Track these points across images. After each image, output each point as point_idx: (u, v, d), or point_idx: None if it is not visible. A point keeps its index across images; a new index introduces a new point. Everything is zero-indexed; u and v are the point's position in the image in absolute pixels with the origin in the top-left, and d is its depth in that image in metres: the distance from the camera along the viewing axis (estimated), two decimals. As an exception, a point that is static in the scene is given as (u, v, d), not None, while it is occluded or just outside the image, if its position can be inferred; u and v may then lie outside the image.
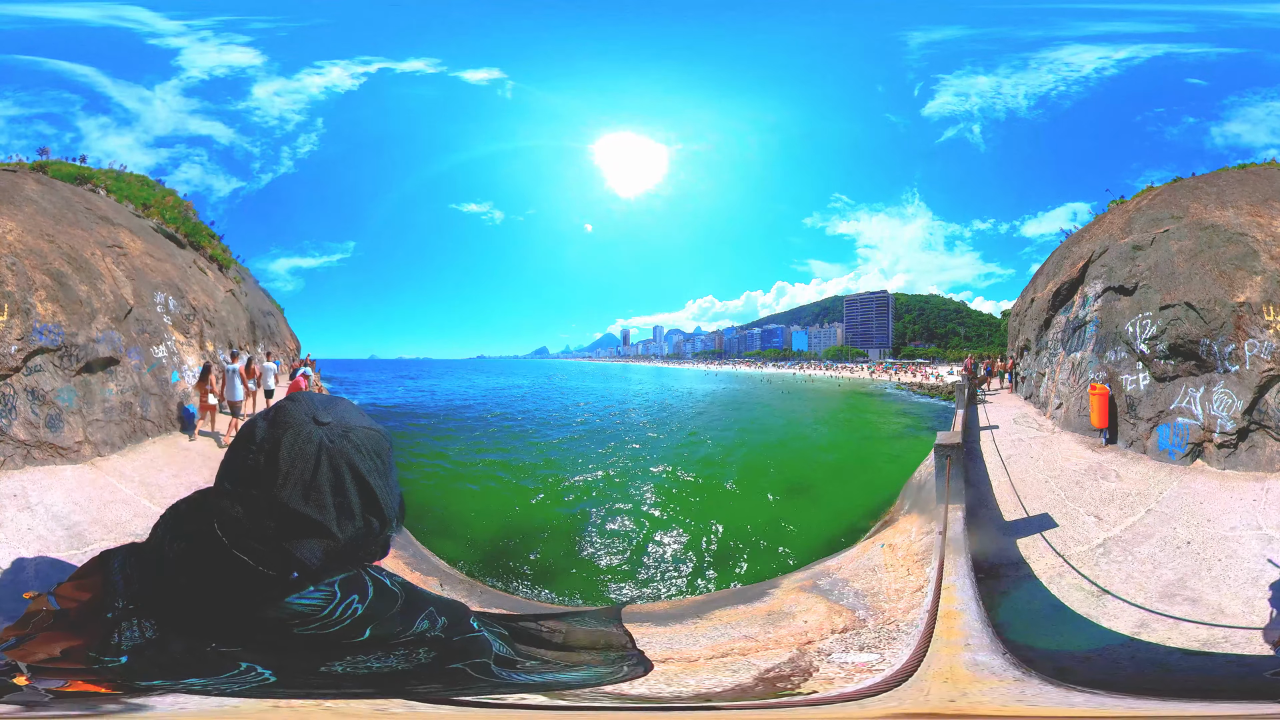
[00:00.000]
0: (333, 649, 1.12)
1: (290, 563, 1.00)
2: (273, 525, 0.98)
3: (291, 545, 0.99)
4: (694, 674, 4.93)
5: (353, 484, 1.03)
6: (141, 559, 1.12)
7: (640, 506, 13.73)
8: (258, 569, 1.00)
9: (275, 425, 1.03)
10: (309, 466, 1.00)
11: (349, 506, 1.02)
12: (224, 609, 1.03)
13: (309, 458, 1.00)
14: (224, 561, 1.00)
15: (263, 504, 0.98)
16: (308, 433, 1.02)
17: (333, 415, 1.06)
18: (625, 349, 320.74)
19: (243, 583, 1.01)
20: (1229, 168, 12.83)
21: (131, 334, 10.66)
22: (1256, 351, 8.52)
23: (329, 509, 1.00)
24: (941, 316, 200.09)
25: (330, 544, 1.01)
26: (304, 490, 0.99)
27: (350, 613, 1.12)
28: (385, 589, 1.22)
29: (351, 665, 1.15)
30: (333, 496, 1.01)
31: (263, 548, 0.99)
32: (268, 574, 1.01)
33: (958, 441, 8.28)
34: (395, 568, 8.45)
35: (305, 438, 1.01)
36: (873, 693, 2.09)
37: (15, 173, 12.01)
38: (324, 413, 1.06)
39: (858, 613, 6.30)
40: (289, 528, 0.98)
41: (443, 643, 1.28)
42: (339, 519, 1.01)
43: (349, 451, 1.03)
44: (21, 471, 7.50)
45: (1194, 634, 4.95)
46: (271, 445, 1.00)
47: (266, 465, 0.99)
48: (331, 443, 1.02)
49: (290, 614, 1.05)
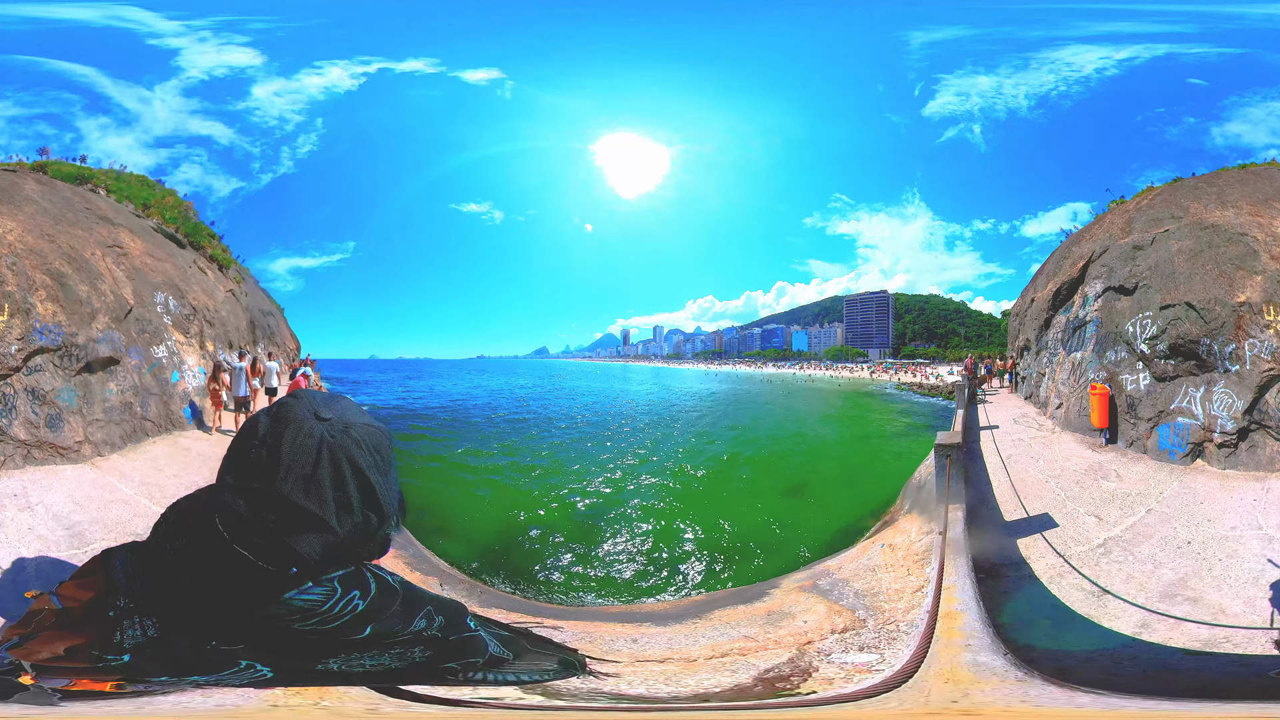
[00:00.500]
0: (330, 646, 1.12)
1: (290, 557, 1.01)
2: (273, 519, 0.99)
3: (291, 539, 1.00)
4: (693, 674, 4.92)
5: (352, 479, 1.04)
6: (143, 557, 1.12)
7: (641, 506, 13.73)
8: (258, 564, 1.01)
9: (277, 420, 1.04)
10: (310, 461, 1.01)
11: (348, 501, 1.03)
12: (225, 606, 1.03)
13: (310, 452, 1.01)
14: (225, 558, 1.01)
15: (264, 497, 0.99)
16: (309, 428, 1.03)
17: (334, 412, 1.08)
18: (625, 349, 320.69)
19: (243, 579, 1.01)
20: (1229, 168, 12.82)
21: (132, 334, 10.66)
22: (1257, 351, 8.52)
23: (329, 503, 1.01)
24: (941, 316, 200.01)
25: (329, 538, 1.02)
26: (304, 484, 1.00)
27: (351, 608, 1.12)
28: (386, 585, 1.23)
29: (346, 663, 1.15)
30: (333, 491, 1.02)
31: (263, 542, 1.00)
32: (268, 569, 1.01)
33: (958, 441, 8.28)
34: (395, 567, 8.44)
35: (307, 432, 1.02)
36: (873, 693, 2.09)
37: (15, 173, 12.02)
38: (325, 409, 1.07)
39: (858, 613, 6.30)
40: (289, 521, 0.99)
41: (438, 642, 1.28)
42: (338, 513, 1.02)
43: (349, 447, 1.05)
44: (22, 471, 7.50)
45: (1195, 634, 4.95)
46: (274, 440, 1.01)
47: (268, 459, 1.00)
48: (332, 438, 1.04)
49: (290, 610, 1.06)
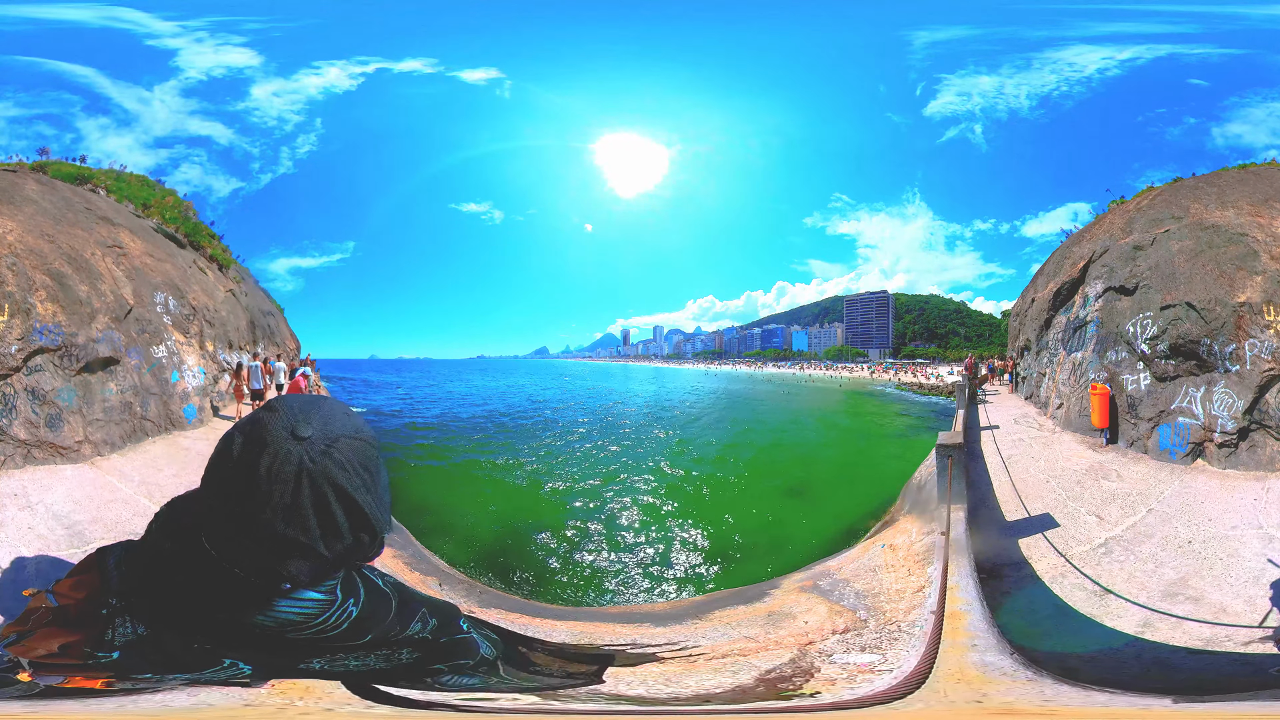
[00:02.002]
0: (319, 649, 1.11)
1: (279, 576, 0.98)
2: (254, 545, 0.95)
3: (279, 565, 0.96)
4: (693, 674, 4.91)
5: (338, 504, 0.98)
6: (137, 556, 1.11)
7: (641, 506, 13.73)
8: (247, 578, 0.98)
9: (251, 442, 0.97)
10: (288, 490, 0.94)
11: (336, 527, 0.98)
12: (214, 611, 1.02)
13: (288, 480, 0.95)
14: (214, 567, 0.99)
15: (244, 524, 0.94)
16: (285, 452, 0.96)
17: (313, 427, 0.99)
18: (625, 349, 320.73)
19: (233, 589, 0.99)
20: (1229, 168, 12.80)
21: (131, 334, 10.65)
22: (1257, 351, 8.51)
23: (313, 530, 0.96)
24: (942, 317, 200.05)
25: (317, 562, 0.98)
26: (285, 514, 0.94)
27: (346, 617, 1.10)
28: (377, 591, 1.20)
29: (330, 663, 1.13)
30: (317, 518, 0.96)
31: (250, 562, 0.96)
32: (257, 583, 0.99)
33: (959, 442, 8.26)
34: (394, 567, 8.43)
35: (283, 458, 0.95)
36: (891, 696, 2.07)
37: (15, 173, 12.00)
38: (304, 424, 0.99)
39: (859, 613, 6.29)
40: (273, 548, 0.95)
41: (429, 644, 1.26)
42: (325, 539, 0.97)
43: (332, 471, 0.98)
44: (22, 471, 7.49)
45: (1197, 632, 4.94)
46: (248, 466, 0.95)
47: (246, 485, 0.94)
48: (313, 463, 0.96)
49: (281, 622, 1.03)
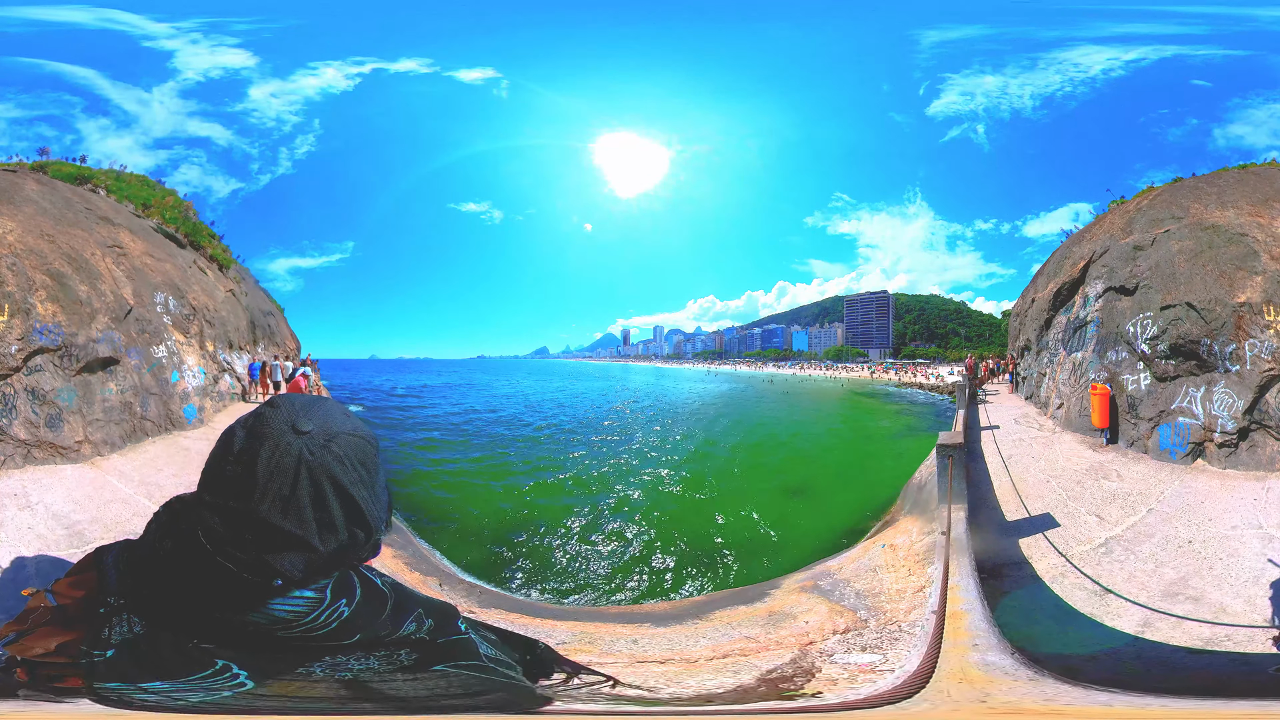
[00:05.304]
0: (314, 652, 1.11)
1: (272, 571, 0.98)
2: (251, 538, 0.96)
3: (272, 558, 0.97)
4: (694, 675, 4.91)
5: (335, 497, 1.00)
6: (135, 554, 1.11)
7: (642, 507, 13.73)
8: (241, 575, 0.98)
9: (253, 435, 1.00)
10: (287, 481, 0.97)
11: (331, 521, 1.00)
12: (209, 609, 1.02)
13: (287, 471, 0.97)
14: (210, 564, 0.99)
15: (241, 516, 0.96)
16: (286, 444, 0.99)
17: (314, 423, 1.03)
18: (625, 349, 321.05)
19: (228, 586, 1.00)
20: (1229, 168, 12.79)
21: (131, 334, 10.65)
22: (1257, 351, 8.51)
23: (309, 523, 0.98)
24: (942, 317, 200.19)
25: (312, 556, 0.99)
26: (282, 505, 0.96)
27: (336, 616, 1.10)
28: (374, 590, 1.20)
29: (331, 668, 1.13)
30: (313, 511, 0.98)
31: (244, 556, 0.97)
32: (251, 580, 0.99)
33: (960, 442, 8.26)
34: (394, 567, 8.43)
35: (283, 450, 0.98)
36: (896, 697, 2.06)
37: (15, 173, 12.00)
38: (305, 420, 1.02)
39: (859, 613, 6.29)
40: (269, 541, 0.96)
41: (426, 644, 1.26)
42: (320, 533, 0.99)
43: (330, 464, 1.01)
44: (22, 471, 7.50)
45: (1197, 632, 4.94)
46: (248, 457, 0.98)
47: (244, 477, 0.97)
48: (312, 455, 0.99)
49: (273, 620, 1.04)
